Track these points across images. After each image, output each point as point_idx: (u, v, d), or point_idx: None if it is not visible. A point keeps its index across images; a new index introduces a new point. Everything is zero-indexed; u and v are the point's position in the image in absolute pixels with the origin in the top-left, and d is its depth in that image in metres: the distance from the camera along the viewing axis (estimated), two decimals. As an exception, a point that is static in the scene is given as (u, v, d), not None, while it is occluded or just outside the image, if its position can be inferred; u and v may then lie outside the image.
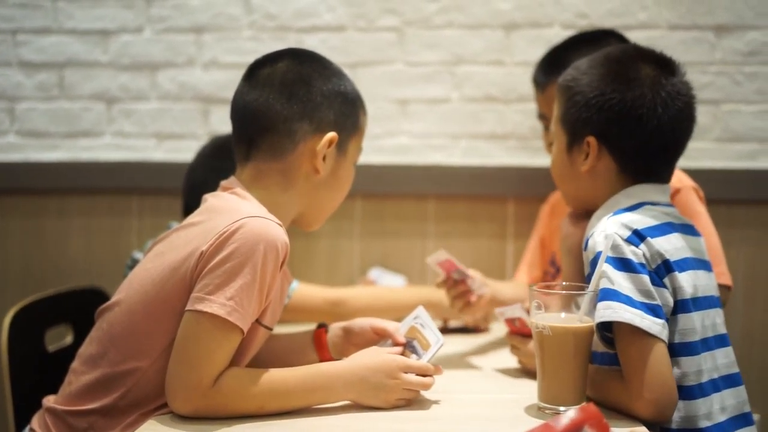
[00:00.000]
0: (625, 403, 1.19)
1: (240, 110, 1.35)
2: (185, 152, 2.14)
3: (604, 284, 1.21)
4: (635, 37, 1.92)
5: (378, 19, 2.15)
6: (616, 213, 1.28)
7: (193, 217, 1.30)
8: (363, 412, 1.22)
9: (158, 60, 2.20)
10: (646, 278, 1.21)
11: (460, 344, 1.84)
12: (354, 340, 1.40)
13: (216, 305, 1.16)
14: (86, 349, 1.30)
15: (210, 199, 1.33)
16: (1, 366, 1.51)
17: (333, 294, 1.79)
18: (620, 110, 1.29)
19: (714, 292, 1.32)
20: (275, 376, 1.21)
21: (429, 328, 1.34)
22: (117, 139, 2.22)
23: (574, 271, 1.47)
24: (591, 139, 1.32)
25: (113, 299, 1.31)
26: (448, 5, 2.14)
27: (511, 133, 2.15)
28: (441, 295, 1.88)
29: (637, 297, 1.19)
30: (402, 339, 1.34)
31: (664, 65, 1.33)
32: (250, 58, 2.14)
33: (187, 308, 1.19)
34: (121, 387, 1.24)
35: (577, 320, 1.20)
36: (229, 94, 2.15)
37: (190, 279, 1.20)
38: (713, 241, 1.57)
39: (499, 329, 1.95)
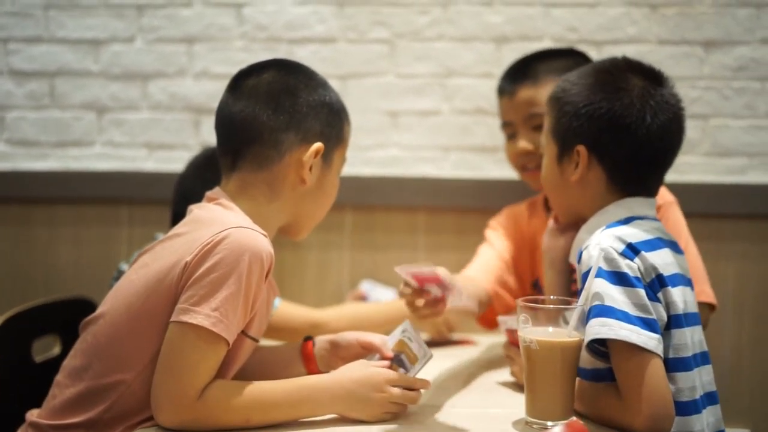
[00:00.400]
0: (621, 419, 1.18)
1: (225, 121, 1.35)
2: (176, 162, 2.14)
3: (598, 299, 1.21)
4: (625, 51, 1.92)
5: (369, 32, 2.16)
6: (609, 226, 1.28)
7: (177, 228, 1.30)
8: (350, 426, 1.22)
9: (149, 70, 2.20)
10: (641, 292, 1.21)
11: (447, 357, 1.84)
12: (341, 354, 1.40)
13: (201, 316, 1.16)
14: (70, 361, 1.30)
15: (195, 210, 1.32)
16: (-12, 376, 1.50)
17: (314, 315, 1.78)
18: (609, 119, 1.31)
19: (696, 309, 1.33)
20: (262, 388, 1.21)
21: (416, 341, 1.34)
22: (107, 148, 2.22)
23: (557, 284, 1.48)
24: (581, 148, 1.33)
25: (98, 311, 1.30)
26: (439, 18, 2.15)
27: (502, 145, 2.15)
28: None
29: (633, 311, 1.19)
30: (389, 353, 1.33)
31: (653, 77, 1.34)
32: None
33: (171, 320, 1.18)
34: (106, 400, 1.23)
35: (565, 335, 1.20)
36: (220, 104, 2.18)
37: (174, 290, 1.20)
38: (696, 259, 1.58)
39: (486, 342, 1.95)
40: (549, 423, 1.18)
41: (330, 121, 1.36)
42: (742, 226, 2.08)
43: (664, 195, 1.63)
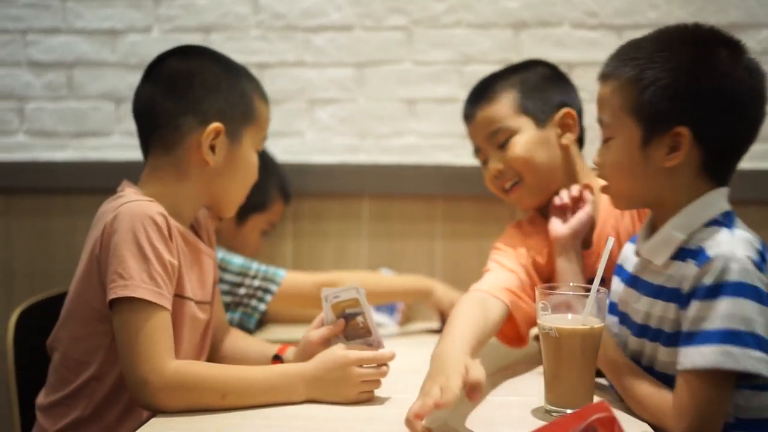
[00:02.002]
0: (659, 419, 1.16)
1: (135, 109, 1.41)
2: (193, 152, 2.14)
3: (728, 322, 1.10)
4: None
5: (386, 19, 2.14)
6: (731, 227, 1.18)
7: (90, 231, 1.34)
8: (364, 414, 1.22)
9: (166, 60, 2.19)
10: None
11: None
12: (308, 358, 1.36)
13: (120, 289, 1.20)
14: (47, 382, 1.37)
15: (100, 208, 1.36)
16: (8, 365, 1.51)
17: (322, 277, 1.81)
18: (721, 97, 1.17)
19: None
20: (239, 370, 1.25)
21: (366, 307, 1.34)
22: (125, 138, 2.22)
23: (570, 270, 1.47)
24: (683, 130, 1.18)
25: (57, 325, 1.37)
26: (456, 4, 2.13)
27: (520, 132, 2.13)
28: (431, 284, 1.89)
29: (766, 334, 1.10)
30: (335, 325, 1.35)
31: (734, 45, 1.22)
32: (258, 58, 2.17)
33: (110, 310, 1.23)
34: (83, 398, 1.30)
35: (581, 322, 1.19)
36: (237, 93, 2.17)
37: (101, 284, 1.26)
38: None
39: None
40: (569, 410, 1.17)
41: (231, 101, 1.37)
42: (762, 212, 2.04)
43: None
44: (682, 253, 1.20)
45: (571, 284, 1.31)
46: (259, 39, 2.17)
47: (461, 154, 2.15)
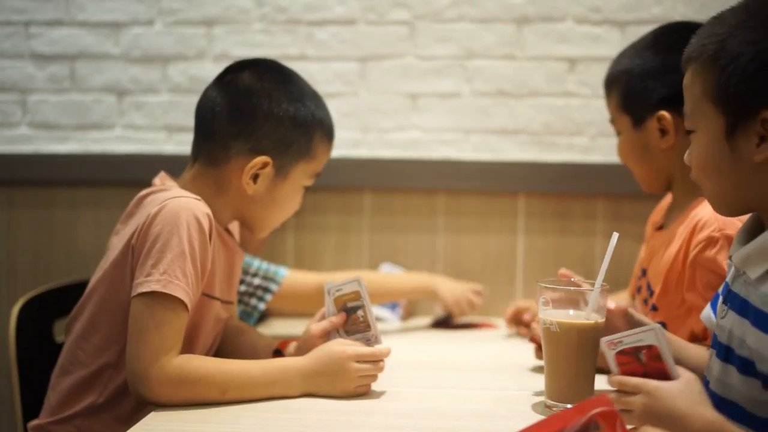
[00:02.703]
0: None
1: (197, 111, 1.41)
2: (195, 145, 2.15)
3: None
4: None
5: (389, 13, 2.14)
6: None
7: (124, 219, 1.36)
8: (366, 407, 1.22)
9: (169, 53, 2.19)
10: None
11: (468, 340, 1.84)
12: (309, 351, 1.36)
13: (152, 283, 1.20)
14: (61, 360, 1.36)
15: (137, 199, 1.37)
16: (10, 356, 1.52)
17: (324, 277, 1.79)
18: None
19: None
20: (239, 364, 1.26)
21: (367, 301, 1.34)
22: (128, 131, 2.22)
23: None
24: None
25: (77, 305, 1.37)
26: (460, -1, 2.12)
27: (522, 128, 2.14)
28: (435, 283, 1.88)
29: None
30: (337, 318, 1.34)
31: None
32: (261, 52, 2.17)
33: (131, 297, 1.23)
34: (98, 385, 1.30)
35: (584, 317, 1.19)
36: (240, 87, 2.17)
37: (130, 273, 1.26)
38: None
39: (505, 325, 1.93)
40: (569, 405, 1.17)
41: (290, 136, 1.36)
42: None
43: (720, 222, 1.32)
44: None
45: (573, 279, 1.31)
46: (262, 32, 2.17)
47: (463, 148, 2.15)
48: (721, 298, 1.12)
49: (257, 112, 1.34)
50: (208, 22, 2.18)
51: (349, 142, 2.16)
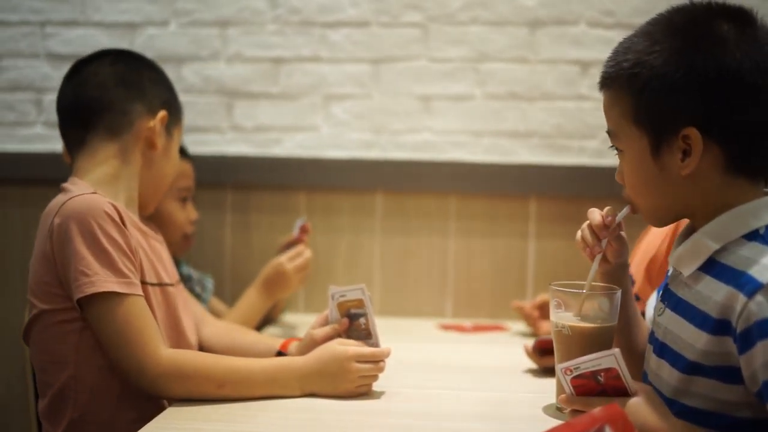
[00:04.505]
0: None
1: (72, 100, 1.45)
2: (210, 145, 2.16)
3: None
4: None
5: (402, 15, 2.15)
6: (753, 238, 1.02)
7: (38, 229, 1.36)
8: (368, 407, 1.23)
9: (183, 53, 2.21)
10: None
11: (478, 342, 1.84)
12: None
13: (85, 288, 1.21)
14: (39, 393, 1.36)
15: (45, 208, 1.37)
16: (25, 357, 1.53)
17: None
18: (723, 83, 1.00)
19: None
20: (237, 361, 1.27)
21: (370, 306, 1.35)
22: (141, 131, 2.24)
23: None
24: (690, 131, 1.02)
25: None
26: (473, 2, 2.13)
27: (534, 131, 2.14)
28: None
29: None
30: (340, 324, 1.36)
31: (741, 16, 1.05)
32: (275, 53, 2.18)
33: (78, 299, 1.23)
34: (69, 401, 1.28)
35: (597, 320, 1.19)
36: (254, 88, 2.19)
37: (58, 284, 1.27)
38: None
39: (516, 328, 1.94)
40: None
41: (169, 98, 1.50)
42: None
43: None
44: (717, 269, 1.03)
45: (584, 283, 1.31)
46: (276, 34, 2.18)
47: (475, 151, 2.15)
48: (659, 297, 1.17)
49: (142, 78, 1.46)
50: (222, 23, 2.19)
51: (361, 144, 2.17)
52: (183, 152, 1.91)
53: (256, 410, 1.20)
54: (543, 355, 1.47)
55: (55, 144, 2.25)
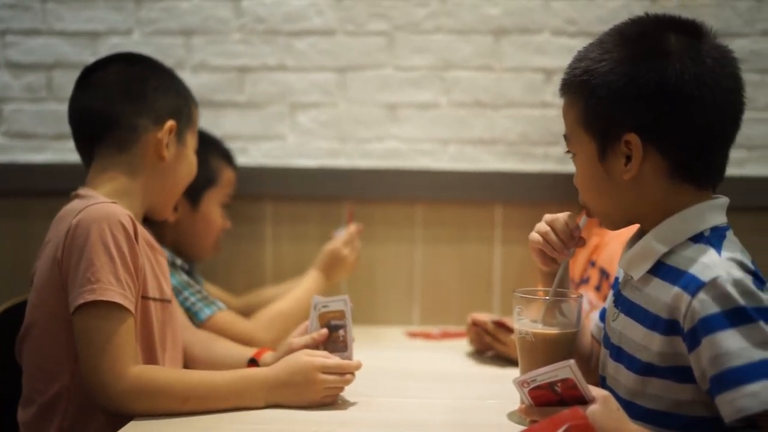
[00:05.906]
0: None
1: (79, 113, 1.45)
2: (173, 155, 2.14)
3: (733, 358, 0.95)
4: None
5: (367, 24, 2.15)
6: (718, 246, 1.05)
7: (48, 234, 1.35)
8: (339, 417, 1.23)
9: (147, 62, 2.19)
10: None
11: (441, 349, 1.84)
12: None
13: (87, 294, 1.21)
14: (22, 392, 1.34)
15: (59, 212, 1.37)
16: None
17: (250, 332, 1.70)
18: (663, 93, 1.05)
19: None
20: (202, 374, 1.27)
21: (350, 318, 1.35)
22: (105, 141, 2.21)
23: None
24: (631, 137, 1.07)
25: (21, 330, 1.35)
26: (438, 10, 2.14)
27: (500, 138, 2.15)
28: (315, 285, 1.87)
29: None
30: (318, 335, 1.35)
31: (693, 30, 1.09)
32: (240, 61, 2.17)
33: (72, 313, 1.23)
34: (58, 411, 1.27)
35: (560, 326, 1.20)
36: (219, 96, 2.18)
37: (62, 290, 1.26)
38: None
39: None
40: (544, 415, 1.18)
41: (178, 104, 1.48)
42: (742, 219, 2.06)
43: None
44: (664, 271, 1.08)
45: (547, 290, 1.32)
46: (241, 43, 2.17)
47: (442, 158, 2.16)
48: (612, 302, 1.20)
49: (147, 88, 1.44)
50: (187, 32, 2.18)
51: (327, 152, 2.17)
52: (230, 161, 1.96)
53: (225, 422, 1.19)
54: (500, 327, 1.57)
55: (16, 155, 2.22)
